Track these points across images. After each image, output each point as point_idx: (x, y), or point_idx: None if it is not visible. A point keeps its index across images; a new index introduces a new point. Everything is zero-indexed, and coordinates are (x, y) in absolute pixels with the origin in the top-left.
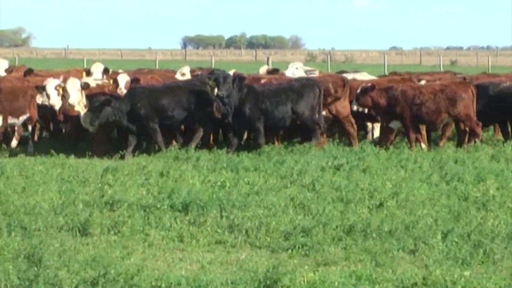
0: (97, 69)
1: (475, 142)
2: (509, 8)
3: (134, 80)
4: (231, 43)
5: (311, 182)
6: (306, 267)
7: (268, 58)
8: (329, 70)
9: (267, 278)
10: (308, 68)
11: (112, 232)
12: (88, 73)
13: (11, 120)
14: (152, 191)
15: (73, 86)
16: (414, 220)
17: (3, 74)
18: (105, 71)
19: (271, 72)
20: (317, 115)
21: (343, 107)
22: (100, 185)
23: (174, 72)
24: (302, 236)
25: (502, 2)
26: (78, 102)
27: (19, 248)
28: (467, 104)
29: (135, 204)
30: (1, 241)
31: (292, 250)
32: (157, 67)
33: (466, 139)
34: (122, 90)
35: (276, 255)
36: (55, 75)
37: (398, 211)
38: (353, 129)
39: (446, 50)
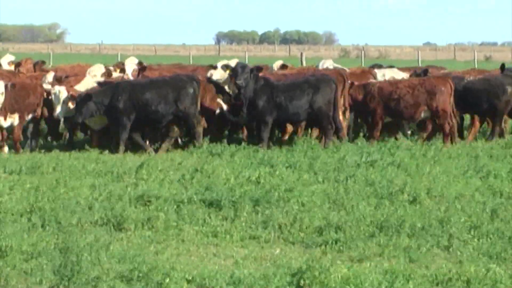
0: (131, 63)
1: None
2: None
3: (142, 68)
4: (265, 38)
5: (345, 178)
6: (339, 263)
7: (301, 54)
8: (363, 66)
9: (301, 273)
10: (339, 66)
11: (146, 227)
12: (123, 70)
13: (27, 117)
14: (186, 187)
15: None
16: (448, 216)
17: (8, 67)
18: (140, 64)
19: (282, 67)
20: (332, 112)
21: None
22: (134, 180)
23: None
24: (335, 232)
25: None
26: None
27: (54, 243)
28: (445, 99)
29: (169, 199)
30: (36, 236)
31: (325, 246)
32: (191, 62)
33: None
34: (129, 76)
35: (309, 251)
36: (60, 70)
37: (432, 207)
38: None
39: (481, 46)
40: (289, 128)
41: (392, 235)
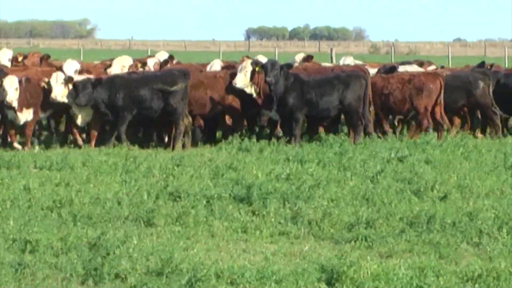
0: (162, 56)
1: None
2: None
3: (165, 62)
4: (295, 34)
5: (374, 174)
6: (369, 258)
7: (331, 50)
8: (392, 62)
9: (331, 269)
10: (359, 62)
11: (176, 223)
12: (144, 65)
13: (42, 114)
14: (216, 182)
15: (10, 83)
16: (478, 212)
17: (7, 63)
18: (171, 58)
19: (306, 59)
20: (361, 108)
21: None
22: (164, 176)
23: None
24: (365, 228)
25: None
26: (62, 96)
27: (84, 238)
28: (431, 96)
29: (199, 195)
30: (67, 230)
31: (355, 242)
32: (220, 58)
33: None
34: (151, 68)
35: (339, 247)
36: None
37: (462, 203)
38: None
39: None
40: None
41: (422, 231)
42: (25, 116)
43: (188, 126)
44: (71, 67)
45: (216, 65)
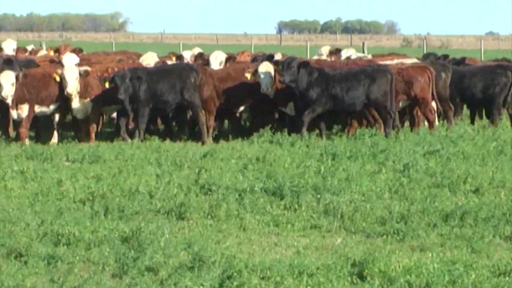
0: (217, 58)
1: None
2: None
3: (230, 58)
4: (326, 28)
5: (406, 168)
6: (401, 253)
7: (363, 43)
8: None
9: (362, 263)
10: (361, 54)
11: (207, 216)
12: (179, 58)
13: (38, 109)
14: (247, 176)
15: (71, 74)
16: (510, 206)
17: (12, 53)
18: (200, 55)
19: (333, 52)
20: (389, 103)
21: None
22: (196, 169)
23: None
24: (397, 222)
25: None
26: (76, 90)
27: (116, 231)
28: (424, 87)
29: (231, 188)
30: (99, 223)
31: (387, 236)
32: (252, 51)
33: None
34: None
35: (371, 241)
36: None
37: (495, 197)
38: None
39: None
40: (355, 123)
41: (454, 225)
42: (19, 112)
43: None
44: (69, 59)
45: (220, 56)
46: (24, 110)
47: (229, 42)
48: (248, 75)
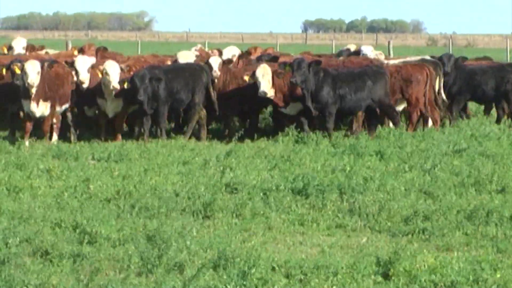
0: (230, 52)
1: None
2: None
3: (243, 54)
4: (352, 27)
5: (432, 167)
6: (426, 252)
7: (389, 42)
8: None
9: (387, 262)
10: (376, 52)
11: (233, 215)
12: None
13: (58, 108)
14: (272, 174)
15: (114, 69)
16: None
17: (22, 51)
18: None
19: (358, 51)
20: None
21: None
22: (221, 168)
23: None
24: (422, 221)
25: None
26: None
27: (142, 229)
28: (420, 87)
29: (256, 187)
30: (124, 222)
31: (412, 235)
32: (277, 50)
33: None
34: (217, 72)
35: (396, 240)
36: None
37: None
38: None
39: None
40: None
41: (479, 225)
42: (41, 109)
43: (203, 119)
44: (82, 61)
45: (233, 50)
46: (47, 108)
47: (254, 41)
48: (246, 78)
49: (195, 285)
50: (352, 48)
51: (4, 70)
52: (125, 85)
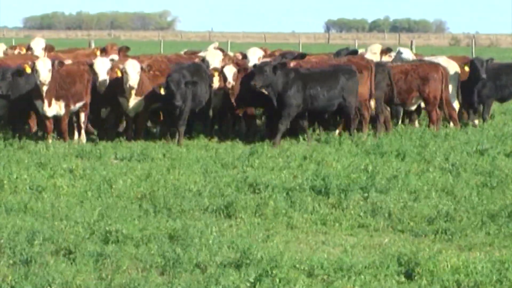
0: (254, 55)
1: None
2: None
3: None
4: (375, 26)
5: (455, 167)
6: (449, 252)
7: (411, 42)
8: (473, 55)
9: (410, 262)
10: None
11: (255, 215)
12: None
13: (72, 107)
14: (294, 174)
15: (134, 68)
16: None
17: (41, 52)
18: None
19: (384, 51)
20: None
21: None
22: (243, 167)
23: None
24: (445, 221)
25: None
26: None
27: (164, 229)
28: (437, 85)
29: (279, 186)
30: (147, 221)
31: (435, 235)
32: (300, 50)
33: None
34: (231, 83)
35: (419, 240)
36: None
37: None
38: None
39: None
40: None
41: (502, 225)
42: (55, 109)
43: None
44: (101, 63)
45: (258, 53)
46: (61, 108)
47: (277, 40)
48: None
49: (217, 284)
50: (377, 48)
51: (27, 68)
52: (162, 91)
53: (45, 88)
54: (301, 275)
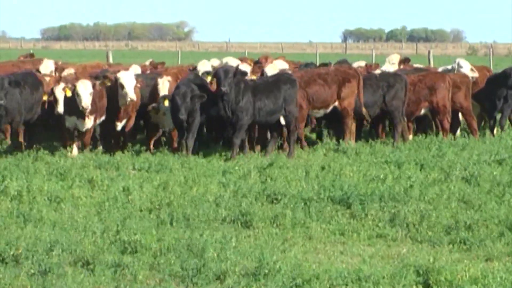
0: (281, 65)
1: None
2: None
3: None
4: (392, 36)
5: (473, 176)
6: (467, 262)
7: (429, 52)
8: (491, 64)
9: (428, 272)
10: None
11: (273, 225)
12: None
13: (98, 121)
14: (312, 184)
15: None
16: None
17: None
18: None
19: (403, 61)
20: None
21: None
22: (261, 177)
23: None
24: (463, 231)
25: None
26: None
27: (182, 239)
28: (444, 94)
29: (297, 196)
30: (165, 231)
31: (453, 245)
32: (317, 60)
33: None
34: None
35: (437, 250)
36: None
37: None
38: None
39: None
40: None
41: None
42: (89, 123)
43: None
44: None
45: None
46: (91, 121)
47: (294, 50)
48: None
49: None
50: (396, 58)
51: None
52: (166, 103)
53: (86, 111)
54: (320, 286)
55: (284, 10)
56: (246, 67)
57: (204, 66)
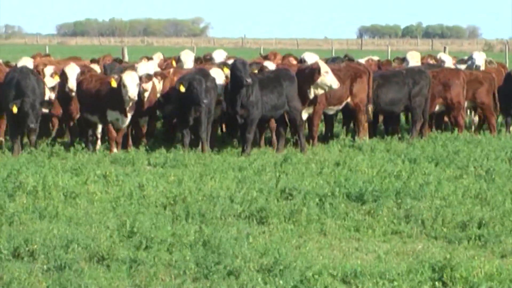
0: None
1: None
2: None
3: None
4: (407, 32)
5: (488, 173)
6: (482, 258)
7: (444, 48)
8: (507, 61)
9: (443, 269)
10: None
11: (288, 221)
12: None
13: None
14: (327, 180)
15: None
16: None
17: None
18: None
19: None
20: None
21: None
22: (276, 173)
23: None
24: (479, 227)
25: None
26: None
27: (197, 235)
28: (459, 91)
29: (311, 193)
30: (180, 228)
31: (468, 241)
32: (332, 56)
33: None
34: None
35: (452, 246)
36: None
37: None
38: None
39: None
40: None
41: None
42: (128, 120)
43: None
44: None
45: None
46: (129, 118)
47: (309, 46)
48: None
49: None
50: (418, 56)
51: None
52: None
53: (131, 103)
54: (334, 282)
55: (299, 6)
56: (270, 64)
57: (219, 55)
